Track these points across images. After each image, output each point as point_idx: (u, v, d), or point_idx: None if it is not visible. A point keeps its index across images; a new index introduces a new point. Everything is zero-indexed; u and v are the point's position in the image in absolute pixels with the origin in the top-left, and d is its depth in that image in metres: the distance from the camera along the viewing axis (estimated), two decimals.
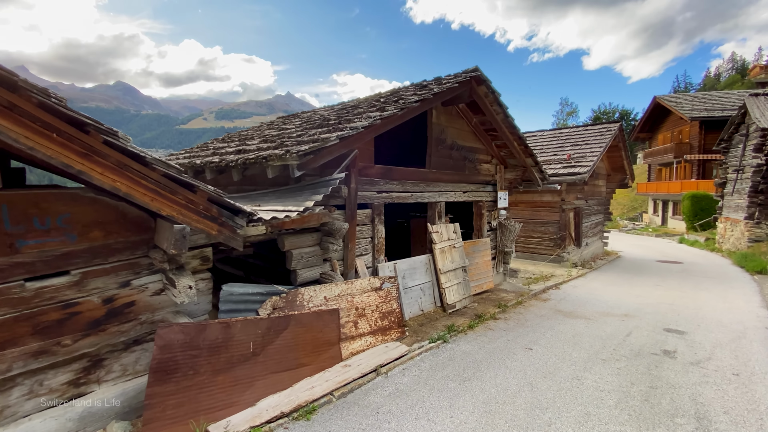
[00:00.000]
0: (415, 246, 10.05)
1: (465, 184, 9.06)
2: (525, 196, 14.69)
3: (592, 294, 10.23)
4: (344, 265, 6.34)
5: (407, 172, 7.52)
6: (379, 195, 6.98)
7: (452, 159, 8.60)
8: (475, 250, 9.20)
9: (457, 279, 8.26)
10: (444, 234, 8.23)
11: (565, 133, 16.67)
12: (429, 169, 8.04)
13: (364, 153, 6.65)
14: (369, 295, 6.15)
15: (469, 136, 9.12)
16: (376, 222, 6.90)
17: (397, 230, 12.26)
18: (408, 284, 7.43)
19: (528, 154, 9.71)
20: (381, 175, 7.01)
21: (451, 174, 8.57)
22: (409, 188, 7.60)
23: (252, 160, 5.34)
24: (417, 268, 7.69)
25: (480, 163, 9.51)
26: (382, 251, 7.04)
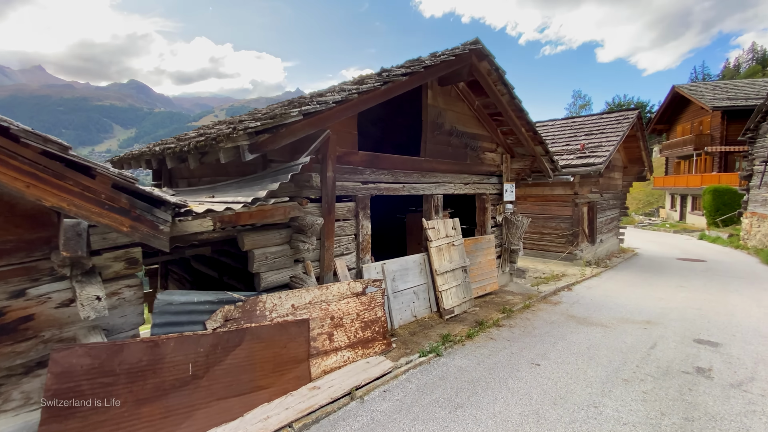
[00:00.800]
0: (411, 244, 9.16)
1: (466, 174, 8.10)
2: (535, 189, 13.64)
3: (609, 296, 9.21)
4: (321, 267, 5.47)
5: (398, 160, 6.60)
6: (365, 186, 6.08)
7: (451, 147, 7.65)
8: (478, 248, 8.25)
9: (456, 281, 7.34)
10: (441, 230, 7.31)
11: (578, 122, 15.52)
12: (424, 158, 7.11)
13: (344, 138, 5.76)
14: (349, 302, 5.27)
15: (471, 122, 8.15)
16: (360, 217, 6.01)
17: (394, 226, 11.35)
18: (399, 287, 6.53)
19: (537, 142, 8.70)
20: (366, 164, 6.10)
21: (450, 163, 7.62)
22: (401, 179, 6.69)
23: (202, 143, 4.48)
24: (410, 269, 6.79)
25: (483, 152, 8.54)
26: (368, 250, 6.15)
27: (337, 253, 5.76)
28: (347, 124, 5.80)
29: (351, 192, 5.91)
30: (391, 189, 6.52)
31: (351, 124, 5.86)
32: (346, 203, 5.88)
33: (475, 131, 8.22)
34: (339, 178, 5.72)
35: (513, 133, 8.60)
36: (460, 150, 7.91)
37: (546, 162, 9.26)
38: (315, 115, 4.62)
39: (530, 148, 8.72)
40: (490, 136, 8.68)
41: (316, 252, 5.46)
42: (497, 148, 8.96)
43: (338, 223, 5.76)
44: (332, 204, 5.49)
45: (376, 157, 6.26)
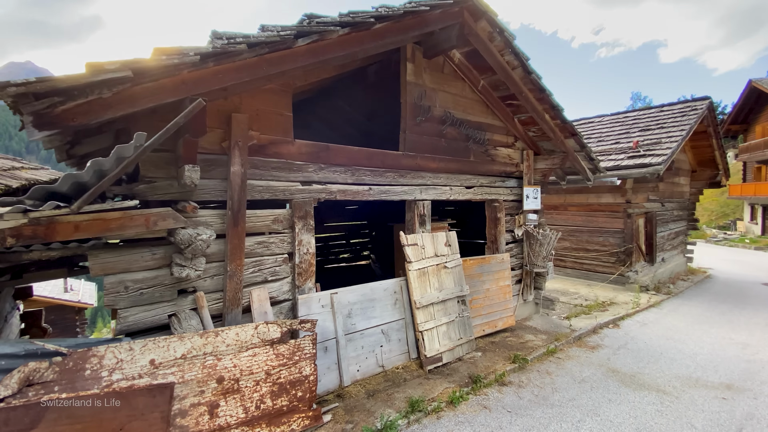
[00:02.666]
0: (399, 262, 7.23)
1: (469, 175, 6.11)
2: (577, 196, 11.14)
3: (670, 338, 6.67)
4: (223, 300, 3.79)
5: (361, 154, 4.81)
6: (306, 188, 4.36)
7: (445, 138, 5.72)
8: (485, 270, 6.18)
9: (448, 315, 5.35)
10: (428, 248, 5.37)
11: (632, 116, 12.73)
12: (403, 152, 5.25)
13: (269, 120, 4.09)
14: (255, 355, 3.54)
15: (476, 107, 6.17)
16: (299, 229, 4.28)
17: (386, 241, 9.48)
18: (357, 326, 4.68)
19: (568, 133, 6.50)
20: (309, 157, 4.38)
21: (444, 160, 5.69)
22: (366, 179, 4.88)
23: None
24: (377, 300, 4.91)
25: (495, 147, 6.49)
26: (309, 275, 4.39)
27: (255, 279, 4.05)
28: (274, 100, 4.13)
29: (283, 195, 4.20)
30: (349, 192, 4.73)
31: (281, 100, 4.18)
32: (274, 211, 4.18)
33: (480, 119, 6.22)
34: (262, 176, 4.05)
35: (535, 123, 6.48)
36: (460, 143, 5.95)
37: (582, 160, 7.00)
38: (177, 75, 2.97)
39: (559, 141, 6.53)
40: (505, 126, 6.62)
41: (217, 279, 3.80)
42: (515, 142, 6.86)
43: (257, 238, 4.06)
44: (240, 211, 3.80)
45: (326, 149, 4.51)
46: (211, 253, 3.74)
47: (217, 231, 3.75)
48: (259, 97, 4.04)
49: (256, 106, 4.02)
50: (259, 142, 4.03)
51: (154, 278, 3.48)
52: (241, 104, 3.93)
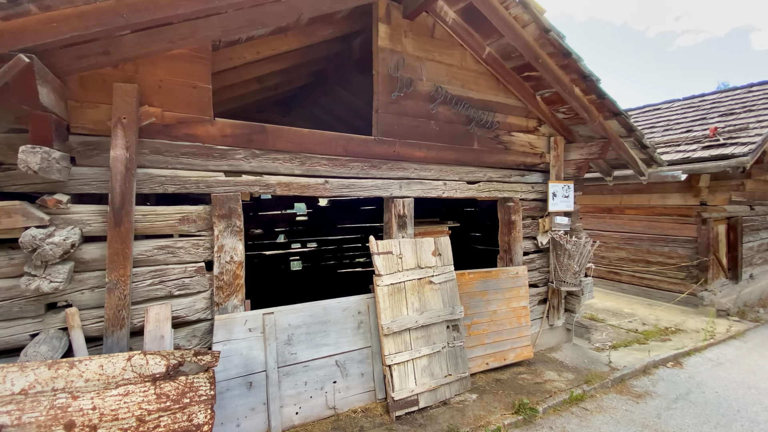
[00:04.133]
0: None
1: (472, 167, 4.78)
2: (636, 197, 9.09)
3: (755, 386, 4.78)
4: (106, 319, 2.93)
5: (313, 138, 3.75)
6: (231, 179, 3.40)
7: (436, 120, 4.47)
8: (492, 287, 4.81)
9: (432, 345, 4.10)
10: (407, 257, 4.16)
11: (710, 99, 10.26)
12: (375, 137, 4.11)
13: (178, 92, 3.19)
14: (130, 394, 2.63)
15: (480, 81, 4.83)
16: (219, 232, 3.33)
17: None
18: (301, 356, 3.61)
19: (609, 112, 4.91)
20: (238, 141, 3.42)
21: (436, 148, 4.44)
22: (321, 169, 3.81)
23: None
24: (332, 322, 3.81)
25: (509, 132, 5.09)
26: (235, 290, 3.42)
27: (156, 293, 3.15)
28: (184, 69, 3.22)
29: (196, 188, 3.28)
30: (295, 186, 3.69)
31: (194, 69, 3.26)
32: (183, 208, 3.26)
33: (487, 97, 4.86)
34: (167, 164, 3.16)
35: (563, 100, 4.97)
36: (458, 127, 4.65)
37: (632, 149, 5.32)
38: None
39: (595, 123, 4.96)
40: (523, 106, 5.18)
41: (100, 293, 2.95)
42: (538, 126, 5.37)
43: (158, 242, 3.17)
44: (124, 207, 2.92)
45: (261, 130, 3.52)
46: (90, 259, 2.91)
47: (98, 232, 2.92)
48: (162, 65, 3.15)
49: (159, 75, 3.14)
50: (163, 120, 3.15)
51: (10, 288, 2.71)
52: (137, 73, 3.06)
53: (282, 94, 7.11)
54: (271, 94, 6.59)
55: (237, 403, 3.27)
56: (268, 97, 6.70)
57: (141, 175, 3.08)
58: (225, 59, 4.06)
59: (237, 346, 3.35)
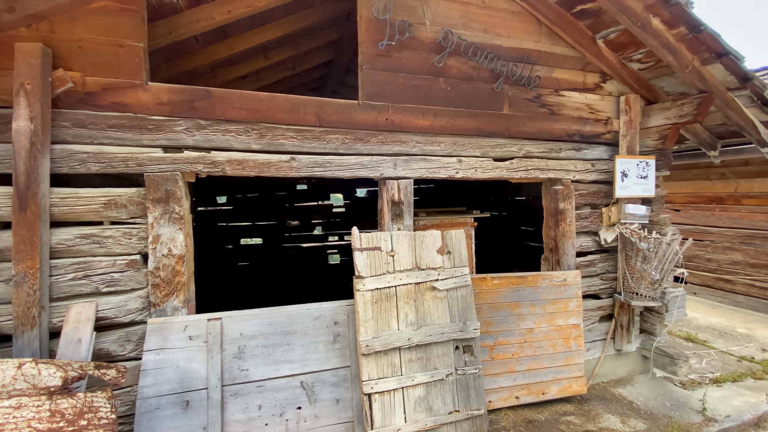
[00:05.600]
0: None
1: (501, 139, 3.59)
2: (758, 183, 6.76)
3: None
4: (16, 317, 2.48)
5: (274, 103, 2.96)
6: (170, 155, 2.77)
7: (447, 77, 3.38)
8: (527, 297, 3.58)
9: (430, 371, 3.07)
10: (403, 255, 3.17)
11: None
12: (360, 101, 3.19)
13: (99, 54, 2.62)
14: (22, 407, 2.13)
15: (511, 23, 3.58)
16: (154, 219, 2.73)
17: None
18: (254, 373, 2.86)
19: (710, 53, 3.33)
20: (178, 109, 2.77)
21: (447, 114, 3.37)
22: (286, 143, 3.01)
23: None
24: (298, 333, 3.00)
25: (556, 91, 3.76)
26: (176, 289, 2.79)
27: (81, 290, 2.64)
28: (109, 24, 2.64)
29: (125, 166, 2.70)
30: (251, 164, 2.94)
31: (121, 25, 2.67)
32: (110, 191, 2.70)
33: (523, 45, 3.59)
34: (92, 138, 2.63)
35: (636, 42, 3.51)
36: (478, 86, 3.50)
37: (746, 107, 3.62)
38: None
39: (688, 70, 3.41)
40: (578, 55, 3.81)
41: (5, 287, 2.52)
42: (602, 82, 3.94)
43: (81, 229, 2.64)
44: (30, 189, 2.42)
45: (205, 95, 2.83)
46: (3, 248, 2.50)
47: (9, 217, 2.49)
48: (82, 21, 2.61)
49: (79, 34, 2.61)
50: (85, 87, 2.61)
51: None
52: (54, 32, 2.56)
53: (306, 75, 6.48)
54: (289, 74, 5.97)
55: (168, 425, 2.65)
56: (286, 78, 6.10)
57: (58, 152, 2.58)
58: (191, 21, 3.46)
59: (173, 356, 2.73)
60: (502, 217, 6.77)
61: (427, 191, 9.05)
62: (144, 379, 2.64)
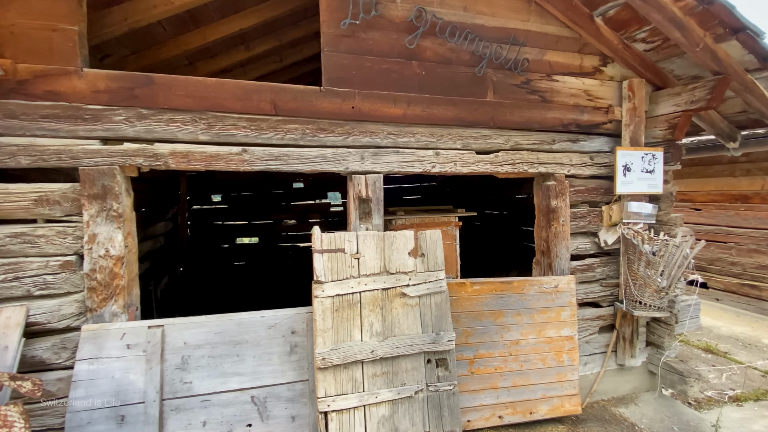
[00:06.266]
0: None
1: (485, 129, 3.22)
2: None
3: None
4: None
5: (224, 89, 2.68)
6: (107, 147, 2.53)
7: (422, 61, 3.04)
8: (512, 305, 3.19)
9: (397, 387, 2.74)
10: (370, 257, 2.85)
11: None
12: (323, 87, 2.88)
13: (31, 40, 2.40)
14: None
15: (498, 1, 3.21)
16: (90, 217, 2.49)
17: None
18: (198, 387, 2.59)
19: (723, 28, 2.88)
20: (117, 98, 2.53)
21: (423, 102, 3.03)
22: (238, 134, 2.73)
23: None
24: (249, 343, 2.72)
25: (548, 76, 3.36)
26: (115, 293, 2.55)
27: (11, 293, 2.43)
28: (42, 7, 2.42)
29: (58, 160, 2.47)
30: (197, 157, 2.67)
31: (55, 7, 2.44)
32: (40, 186, 2.47)
33: (509, 24, 3.20)
34: (24, 130, 2.41)
35: (639, 19, 3.09)
36: (459, 70, 3.14)
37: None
38: None
39: (699, 49, 2.96)
40: (573, 36, 3.40)
41: None
42: (601, 65, 3.51)
43: (10, 228, 2.43)
44: None
45: (147, 82, 2.58)
46: None
47: None
48: (15, 6, 2.39)
49: (11, 19, 2.39)
50: (16, 75, 2.40)
51: None
52: None
53: (296, 68, 6.21)
54: (276, 67, 5.71)
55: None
56: (275, 71, 5.83)
57: None
58: (148, 7, 3.22)
59: (108, 366, 2.49)
60: (503, 216, 6.35)
61: (428, 189, 8.67)
62: (75, 391, 2.42)
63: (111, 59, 3.78)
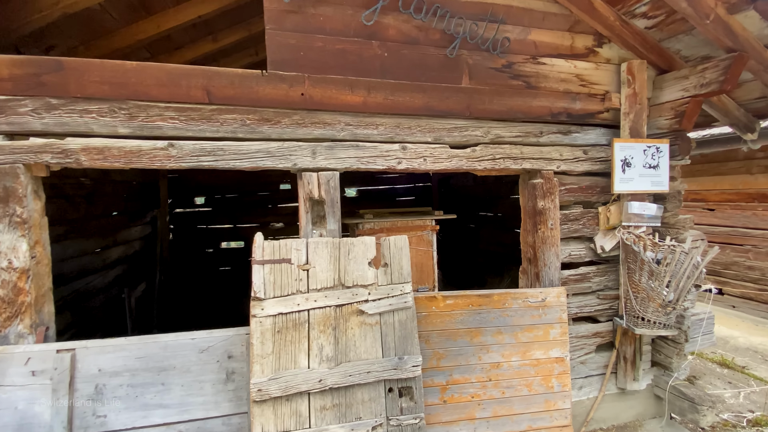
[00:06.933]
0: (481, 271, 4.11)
1: (460, 120, 2.80)
2: None
3: None
4: None
5: (147, 74, 2.29)
6: (9, 144, 2.17)
7: (385, 41, 2.62)
8: (493, 322, 2.75)
9: (349, 424, 2.32)
10: (321, 268, 2.44)
11: None
12: (267, 71, 2.48)
13: None
14: None
15: None
16: None
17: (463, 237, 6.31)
18: (115, 421, 2.20)
19: None
20: (21, 86, 2.16)
21: (387, 88, 2.61)
22: (165, 126, 2.34)
23: None
24: (175, 370, 2.32)
25: (533, 59, 2.92)
26: (21, 312, 2.19)
27: None
28: None
29: None
30: (115, 153, 2.28)
31: None
32: None
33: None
34: None
35: None
36: (428, 51, 2.71)
37: None
38: None
39: (708, 22, 2.50)
40: (563, 12, 2.95)
41: None
42: (596, 46, 3.06)
43: None
44: None
45: (57, 66, 2.20)
46: None
47: None
48: None
49: None
50: None
51: None
52: None
53: None
54: (253, 60, 5.36)
55: None
56: (251, 64, 5.47)
57: None
58: None
59: (11, 396, 2.12)
60: (497, 218, 5.89)
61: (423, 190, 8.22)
62: None
63: (56, 51, 3.45)
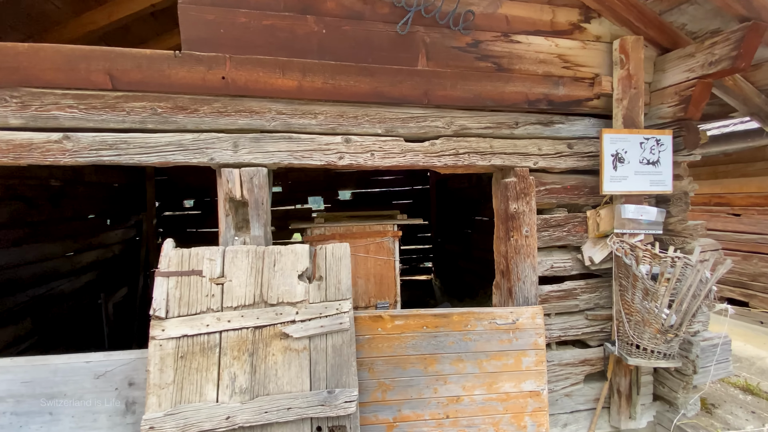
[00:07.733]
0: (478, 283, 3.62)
1: (418, 109, 2.37)
2: None
3: None
4: None
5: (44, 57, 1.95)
6: None
7: (322, 16, 2.22)
8: (452, 347, 2.29)
9: None
10: (239, 282, 2.05)
11: None
12: (178, 52, 2.12)
13: None
14: None
15: None
16: None
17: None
18: None
19: None
20: None
21: (325, 71, 2.21)
22: (62, 116, 2.00)
23: None
24: (65, 397, 1.96)
25: (505, 36, 2.46)
26: None
27: None
28: None
29: None
30: (2, 148, 1.98)
31: None
32: None
33: None
34: None
35: None
36: (376, 27, 2.30)
37: None
38: None
39: None
40: None
41: None
42: (582, 21, 2.57)
43: None
44: None
45: None
46: None
47: None
48: None
49: None
50: None
51: None
52: None
53: None
54: None
55: None
56: None
57: None
58: None
59: None
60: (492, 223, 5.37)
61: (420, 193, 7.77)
62: None
63: None
